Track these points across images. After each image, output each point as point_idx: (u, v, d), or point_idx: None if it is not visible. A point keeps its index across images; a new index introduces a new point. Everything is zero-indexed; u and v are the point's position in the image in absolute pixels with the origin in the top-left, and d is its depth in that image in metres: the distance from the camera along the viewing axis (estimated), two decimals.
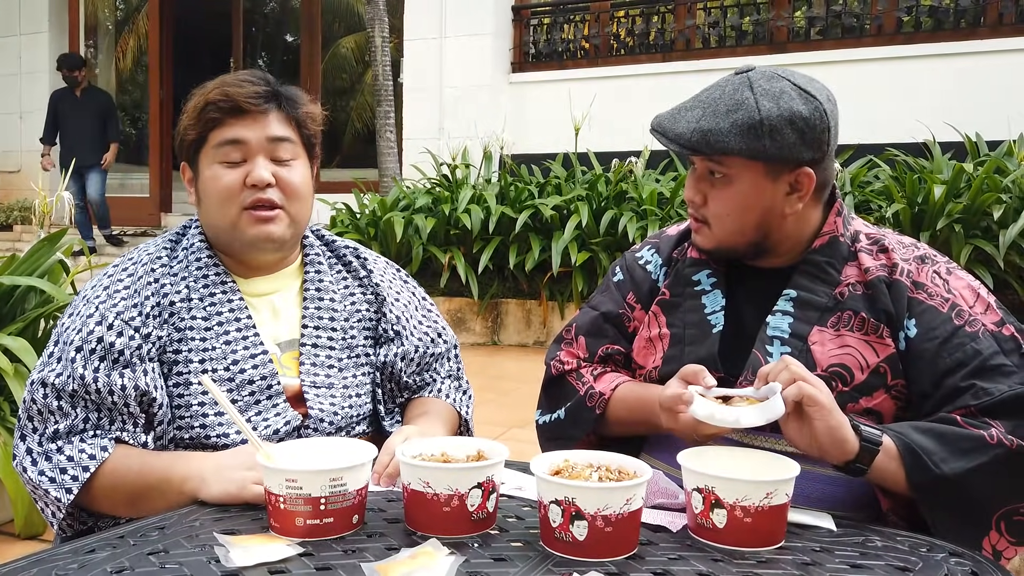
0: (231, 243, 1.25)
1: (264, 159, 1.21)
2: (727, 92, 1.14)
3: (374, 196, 5.67)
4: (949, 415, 1.08)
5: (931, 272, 1.17)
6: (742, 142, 1.11)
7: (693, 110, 1.15)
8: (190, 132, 1.23)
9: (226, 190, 1.20)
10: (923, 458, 1.03)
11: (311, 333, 1.27)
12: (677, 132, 1.15)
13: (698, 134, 1.12)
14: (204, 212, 1.26)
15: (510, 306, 5.10)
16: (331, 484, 0.90)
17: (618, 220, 4.81)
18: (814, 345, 1.14)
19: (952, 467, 1.03)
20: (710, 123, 1.12)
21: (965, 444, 1.04)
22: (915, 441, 1.05)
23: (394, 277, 1.42)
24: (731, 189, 1.15)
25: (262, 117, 1.21)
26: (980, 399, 1.07)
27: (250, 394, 1.19)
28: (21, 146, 8.61)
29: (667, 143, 1.16)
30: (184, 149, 1.26)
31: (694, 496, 0.93)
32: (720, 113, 1.12)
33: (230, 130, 1.21)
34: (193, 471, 1.05)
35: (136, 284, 1.19)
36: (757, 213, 1.16)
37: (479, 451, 1.00)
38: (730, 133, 1.11)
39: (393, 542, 0.89)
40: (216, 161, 1.21)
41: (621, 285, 1.34)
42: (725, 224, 1.18)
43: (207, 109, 1.21)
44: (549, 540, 0.88)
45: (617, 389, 1.25)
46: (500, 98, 6.70)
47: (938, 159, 4.88)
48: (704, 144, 1.12)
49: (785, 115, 1.11)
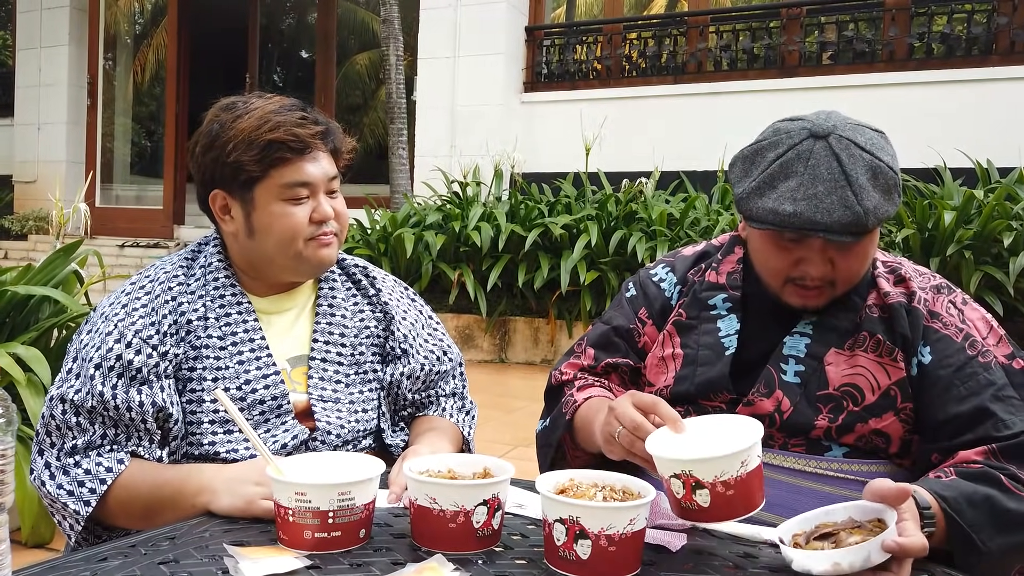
0: (282, 270, 1.27)
1: (326, 196, 1.26)
2: (843, 160, 1.09)
3: (385, 212, 5.71)
4: (993, 474, 1.04)
5: (946, 302, 1.19)
6: (894, 206, 1.11)
7: (833, 192, 1.07)
8: (252, 168, 1.20)
9: (297, 227, 1.22)
10: (973, 539, 0.99)
11: (321, 348, 1.29)
12: (843, 223, 1.07)
13: (872, 216, 1.08)
14: (258, 243, 1.24)
15: (518, 324, 5.11)
16: (339, 498, 0.91)
17: (627, 240, 4.82)
18: (828, 366, 1.16)
19: (998, 544, 1.00)
20: (870, 200, 1.08)
21: (1013, 519, 1.01)
22: (967, 521, 0.99)
23: (402, 295, 1.44)
24: (860, 247, 1.13)
25: (320, 155, 1.25)
26: (1000, 431, 1.07)
27: (260, 413, 1.21)
28: (38, 157, 8.71)
29: (835, 238, 1.08)
30: (233, 180, 1.22)
31: (673, 483, 0.93)
32: (864, 186, 1.08)
33: (299, 171, 1.22)
34: (205, 484, 1.07)
35: (154, 302, 1.21)
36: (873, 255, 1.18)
37: (485, 468, 1.01)
38: (886, 203, 1.10)
39: (399, 557, 0.91)
40: (282, 199, 1.22)
41: (634, 301, 1.36)
42: (854, 280, 1.17)
43: (276, 148, 1.20)
44: (553, 558, 0.89)
45: (589, 399, 1.26)
46: (512, 117, 6.75)
47: (949, 185, 4.88)
48: (878, 223, 1.09)
49: (894, 158, 1.12)
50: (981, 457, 1.07)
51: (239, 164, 1.21)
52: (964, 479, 1.05)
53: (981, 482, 1.04)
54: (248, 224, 1.25)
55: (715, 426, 1.00)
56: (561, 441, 1.31)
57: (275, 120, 1.21)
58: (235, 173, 1.22)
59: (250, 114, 1.22)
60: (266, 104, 1.24)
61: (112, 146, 9.45)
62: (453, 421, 1.38)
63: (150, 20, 11.09)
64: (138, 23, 11.11)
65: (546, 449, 1.35)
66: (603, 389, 1.32)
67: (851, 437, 1.14)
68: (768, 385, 1.16)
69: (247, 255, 1.28)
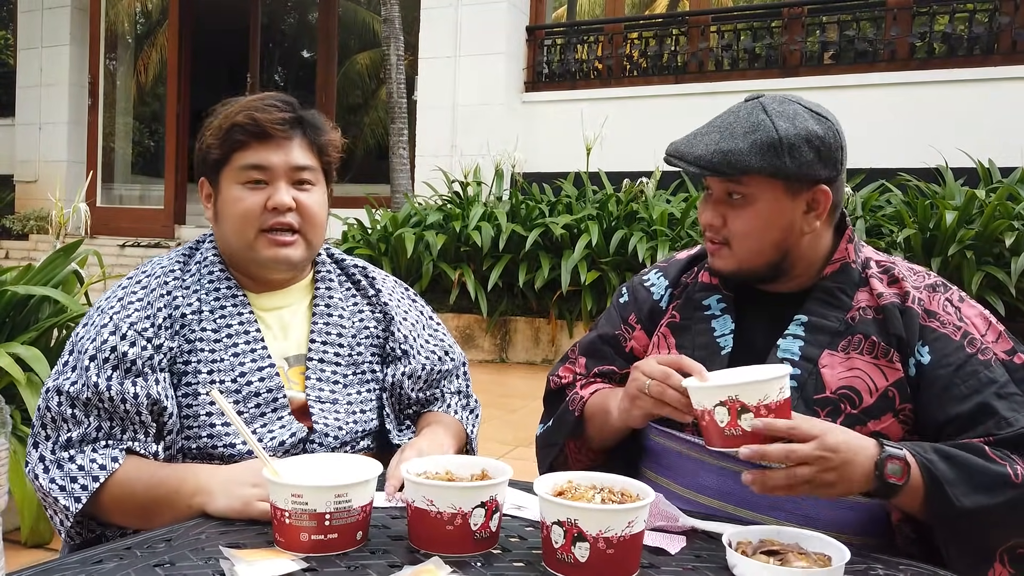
0: (245, 261, 1.27)
1: (286, 184, 1.24)
2: (742, 116, 1.16)
3: (385, 212, 5.70)
4: (977, 444, 1.06)
5: (943, 300, 1.18)
6: (762, 160, 1.13)
7: (710, 134, 1.17)
8: (214, 151, 1.25)
9: (247, 212, 1.23)
10: (946, 490, 1.02)
11: (318, 348, 1.29)
12: (696, 155, 1.16)
13: (719, 155, 1.14)
14: (221, 230, 1.28)
15: (519, 324, 5.10)
16: (336, 500, 0.90)
17: (628, 240, 4.82)
18: (824, 368, 1.15)
19: (972, 501, 1.02)
20: (729, 144, 1.14)
21: (989, 479, 1.03)
22: (941, 472, 1.03)
23: (402, 296, 1.43)
24: (752, 209, 1.17)
25: (286, 143, 1.24)
26: (1002, 428, 1.07)
27: (256, 406, 1.20)
28: (39, 156, 8.71)
29: (686, 167, 1.17)
30: (206, 166, 1.28)
31: (718, 411, 0.99)
32: (738, 135, 1.14)
33: (255, 154, 1.23)
34: (202, 485, 1.06)
35: (149, 296, 1.22)
36: (777, 231, 1.18)
37: (483, 470, 1.00)
38: (750, 153, 1.13)
39: (396, 559, 0.90)
40: (238, 182, 1.24)
41: (624, 306, 1.37)
42: (746, 244, 1.19)
43: (233, 131, 1.23)
44: (551, 561, 0.89)
45: (594, 395, 1.29)
46: (513, 117, 6.74)
47: (950, 185, 4.87)
48: (725, 164, 1.14)
49: (802, 134, 1.13)
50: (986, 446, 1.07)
51: (208, 148, 1.26)
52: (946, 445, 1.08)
53: (962, 448, 1.07)
54: (216, 209, 1.28)
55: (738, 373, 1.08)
56: (564, 442, 1.32)
57: (247, 107, 1.24)
58: (206, 157, 1.27)
59: (234, 104, 1.26)
60: (255, 97, 1.27)
61: (114, 146, 9.45)
62: (457, 418, 1.38)
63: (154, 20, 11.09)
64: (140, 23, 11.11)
65: (547, 450, 1.35)
66: (605, 385, 1.33)
67: None
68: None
69: (221, 244, 1.30)
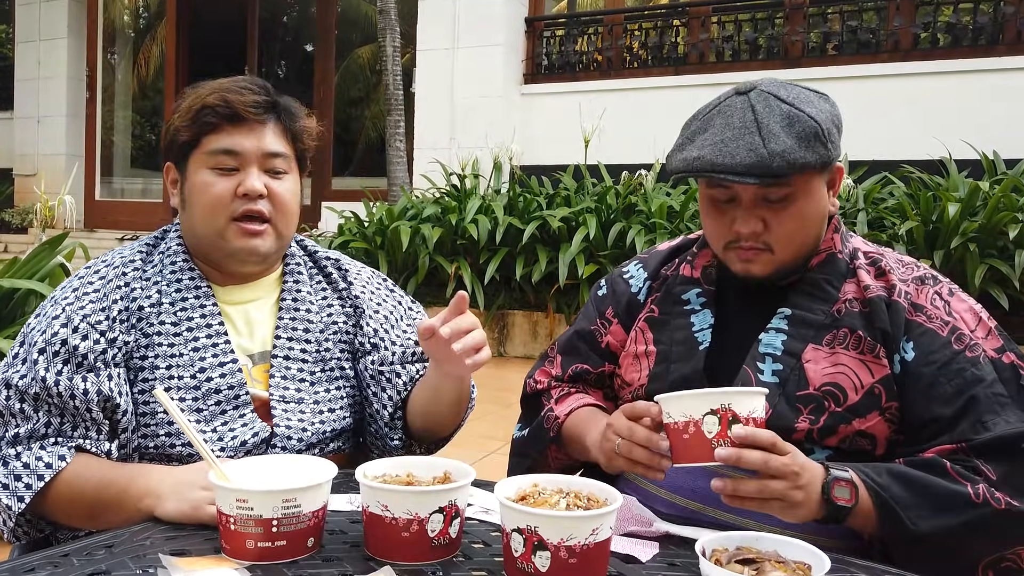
0: (213, 251, 1.22)
1: (258, 170, 1.19)
2: (761, 110, 1.07)
3: (381, 205, 5.66)
4: (939, 460, 1.02)
5: (932, 293, 1.12)
6: (813, 153, 1.06)
7: (742, 137, 1.05)
8: (182, 133, 1.19)
9: (216, 198, 1.18)
10: (899, 514, 0.98)
11: (284, 344, 1.24)
12: (746, 164, 1.03)
13: (777, 158, 1.03)
14: (188, 217, 1.22)
15: (516, 318, 5.05)
16: (284, 505, 0.85)
17: (626, 233, 4.76)
18: (807, 363, 1.10)
19: (930, 524, 0.97)
20: (777, 144, 1.04)
21: (947, 501, 0.98)
22: (893, 496, 0.99)
23: (378, 287, 1.37)
24: (795, 206, 1.10)
25: (259, 127, 1.20)
26: (978, 433, 1.01)
27: (216, 403, 1.15)
28: (38, 150, 8.68)
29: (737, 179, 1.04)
30: (172, 149, 1.22)
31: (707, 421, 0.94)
32: (776, 132, 1.05)
33: (226, 138, 1.18)
34: (152, 487, 1.01)
35: (106, 287, 1.16)
36: (817, 223, 1.13)
37: (446, 472, 0.95)
38: (799, 148, 1.05)
39: (348, 568, 0.85)
40: (208, 167, 1.19)
41: (602, 299, 1.32)
42: (792, 244, 1.12)
43: (204, 113, 1.18)
44: (512, 570, 0.84)
45: (570, 416, 1.23)
46: (511, 109, 6.68)
47: (954, 177, 4.80)
48: (786, 167, 1.04)
49: (826, 115, 1.09)
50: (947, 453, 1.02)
51: (176, 131, 1.20)
52: (906, 465, 1.03)
53: (920, 467, 1.02)
54: (183, 196, 1.23)
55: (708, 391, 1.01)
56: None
57: (220, 89, 1.19)
58: (173, 141, 1.21)
59: (205, 86, 1.20)
60: (227, 79, 1.22)
61: (113, 139, 9.42)
62: None
63: (154, 14, 11.03)
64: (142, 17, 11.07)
65: (523, 459, 1.30)
66: (580, 394, 1.28)
67: (834, 439, 1.08)
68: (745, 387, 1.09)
69: (187, 232, 1.25)
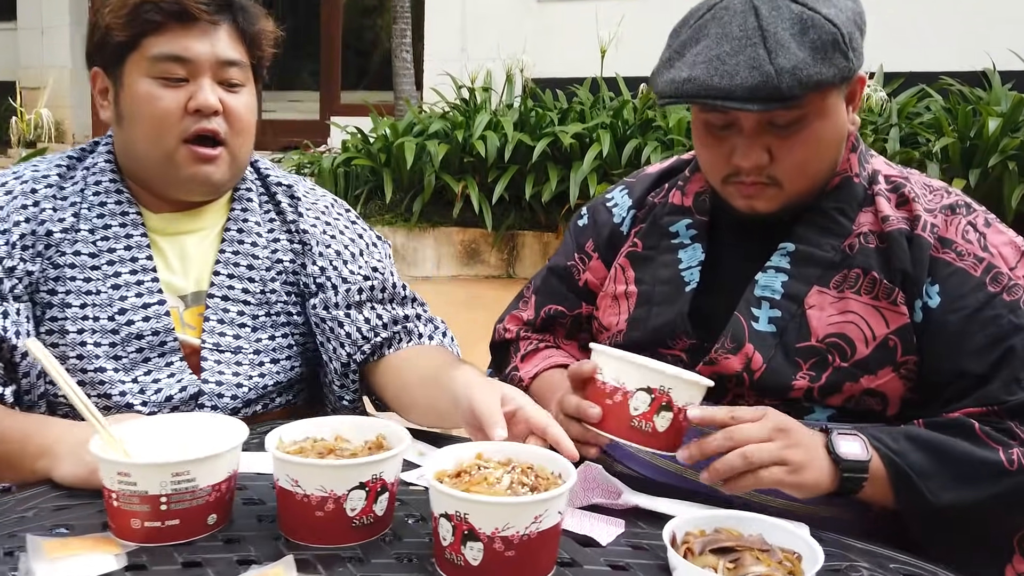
0: (155, 176, 1.06)
1: (211, 82, 1.02)
2: (763, 13, 0.86)
3: (386, 119, 5.42)
4: (966, 421, 0.86)
5: (964, 224, 0.94)
6: (832, 67, 0.86)
7: (741, 52, 0.86)
8: (117, 33, 1.02)
9: (163, 115, 1.01)
10: (917, 485, 0.84)
11: (223, 283, 1.09)
12: (749, 85, 0.84)
13: (789, 76, 0.84)
14: (126, 133, 1.06)
15: (526, 238, 4.88)
16: (173, 480, 0.72)
17: (642, 150, 4.52)
18: (810, 309, 0.93)
19: (952, 497, 0.83)
20: (787, 59, 0.84)
21: (974, 470, 0.83)
22: (911, 464, 0.84)
23: (336, 218, 1.18)
24: (807, 130, 0.90)
25: (212, 29, 1.02)
26: (1013, 394, 0.85)
27: (138, 351, 1.02)
28: (43, 62, 8.48)
29: (739, 105, 0.86)
30: (103, 51, 1.05)
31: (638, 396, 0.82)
32: (786, 41, 0.84)
33: (175, 41, 1.01)
34: (48, 445, 0.89)
35: (8, 207, 1.02)
36: (835, 147, 0.94)
37: (379, 436, 0.82)
38: (815, 62, 0.85)
39: (251, 553, 0.72)
40: (151, 76, 1.02)
41: (582, 231, 1.15)
42: (805, 175, 0.93)
43: (145, 8, 1.00)
44: (441, 560, 0.71)
45: (535, 380, 1.09)
46: (525, 18, 6.34)
47: (996, 89, 4.48)
48: (798, 86, 0.84)
49: (848, 15, 0.88)
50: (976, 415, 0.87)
51: (108, 29, 1.02)
52: (927, 428, 0.88)
53: (944, 430, 0.86)
54: (117, 108, 1.06)
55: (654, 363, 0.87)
56: None
57: None
58: (104, 41, 1.03)
59: None
60: None
61: None
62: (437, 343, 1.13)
63: None
64: None
65: None
66: (550, 350, 1.13)
67: (838, 398, 0.92)
68: (736, 339, 0.93)
69: (121, 149, 1.08)
